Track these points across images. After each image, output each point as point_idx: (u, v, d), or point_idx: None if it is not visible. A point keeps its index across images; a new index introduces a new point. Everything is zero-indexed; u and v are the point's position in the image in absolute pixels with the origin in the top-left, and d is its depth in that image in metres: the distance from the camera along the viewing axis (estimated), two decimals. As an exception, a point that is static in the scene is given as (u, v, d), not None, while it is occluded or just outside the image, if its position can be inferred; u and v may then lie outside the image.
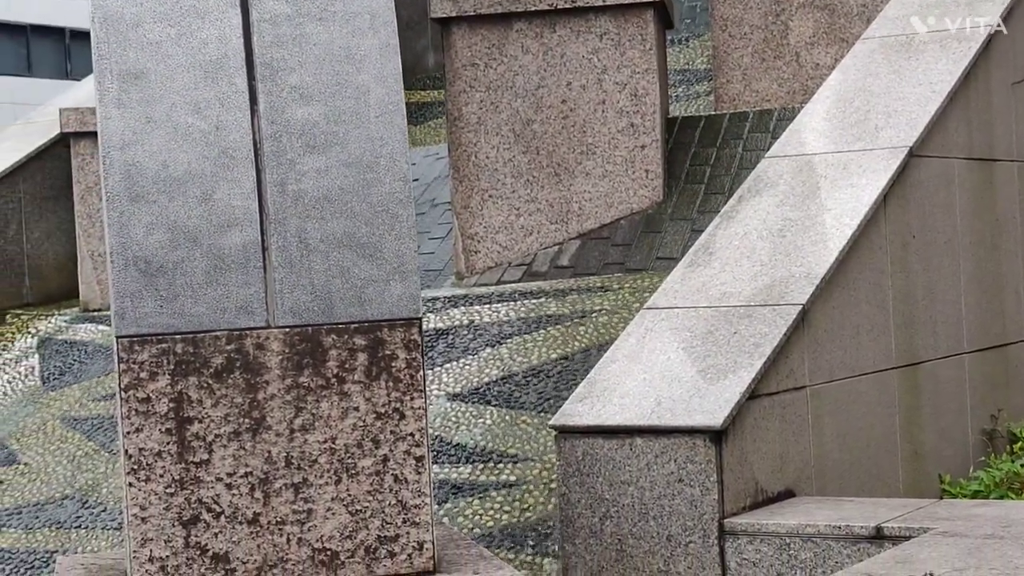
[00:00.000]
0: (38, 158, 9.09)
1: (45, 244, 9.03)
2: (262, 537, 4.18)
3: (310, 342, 4.21)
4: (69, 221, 9.05)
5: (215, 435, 4.16)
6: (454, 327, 6.80)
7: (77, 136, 8.72)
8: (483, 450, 5.98)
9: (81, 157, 8.71)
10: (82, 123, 8.67)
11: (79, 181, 8.69)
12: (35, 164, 9.07)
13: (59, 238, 9.09)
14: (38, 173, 9.09)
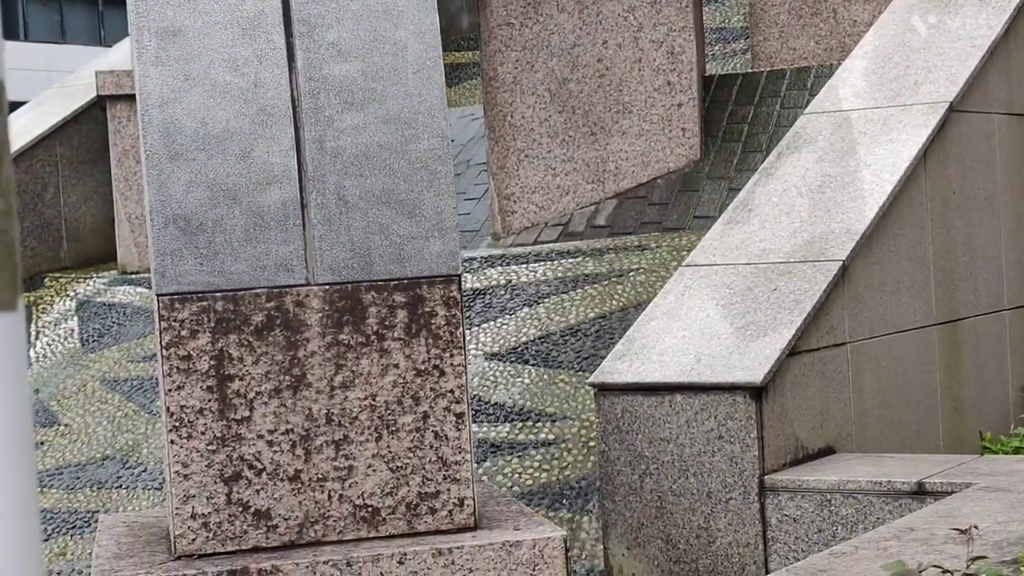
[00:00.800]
0: (75, 121, 9.11)
1: (82, 207, 9.06)
2: (303, 494, 4.19)
3: (350, 299, 4.21)
4: (106, 184, 9.08)
5: (256, 392, 4.17)
6: (491, 287, 6.80)
7: (113, 99, 8.73)
8: (521, 409, 5.98)
9: (117, 120, 8.72)
10: (118, 86, 8.68)
11: (115, 144, 8.71)
12: (72, 128, 9.09)
13: (96, 201, 9.12)
14: (75, 137, 9.11)
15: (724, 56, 9.42)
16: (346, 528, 4.21)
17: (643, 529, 4.95)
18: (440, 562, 4.10)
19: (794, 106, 7.55)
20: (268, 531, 4.17)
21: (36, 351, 7.92)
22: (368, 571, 4.06)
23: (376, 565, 4.07)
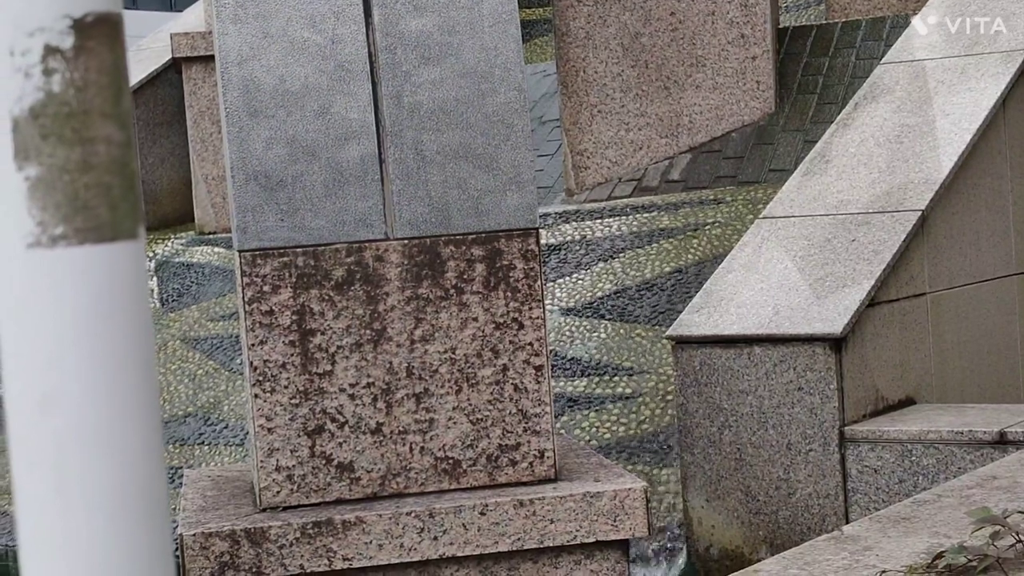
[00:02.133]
0: (150, 84, 9.19)
1: (159, 169, 9.15)
2: (385, 446, 4.23)
3: (428, 253, 4.24)
4: (182, 146, 9.16)
5: (337, 346, 4.21)
6: (566, 242, 6.80)
7: (188, 61, 8.79)
8: (598, 364, 5.99)
9: (193, 82, 8.79)
10: (193, 48, 8.75)
11: (191, 106, 8.78)
12: (148, 90, 9.17)
13: (173, 163, 9.20)
14: (151, 99, 9.19)
15: (798, 8, 9.34)
16: (428, 480, 4.25)
17: (722, 481, 4.96)
18: (521, 513, 4.13)
19: (870, 57, 7.49)
20: (351, 483, 4.22)
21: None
22: (450, 522, 4.10)
23: (458, 516, 4.11)
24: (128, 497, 0.94)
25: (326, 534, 4.05)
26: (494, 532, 4.11)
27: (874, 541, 3.33)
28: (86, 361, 0.92)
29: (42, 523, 0.94)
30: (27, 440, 0.94)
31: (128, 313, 0.93)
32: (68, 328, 0.92)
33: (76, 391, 0.92)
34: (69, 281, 0.92)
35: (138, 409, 0.93)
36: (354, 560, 4.06)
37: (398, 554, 4.08)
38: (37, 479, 0.93)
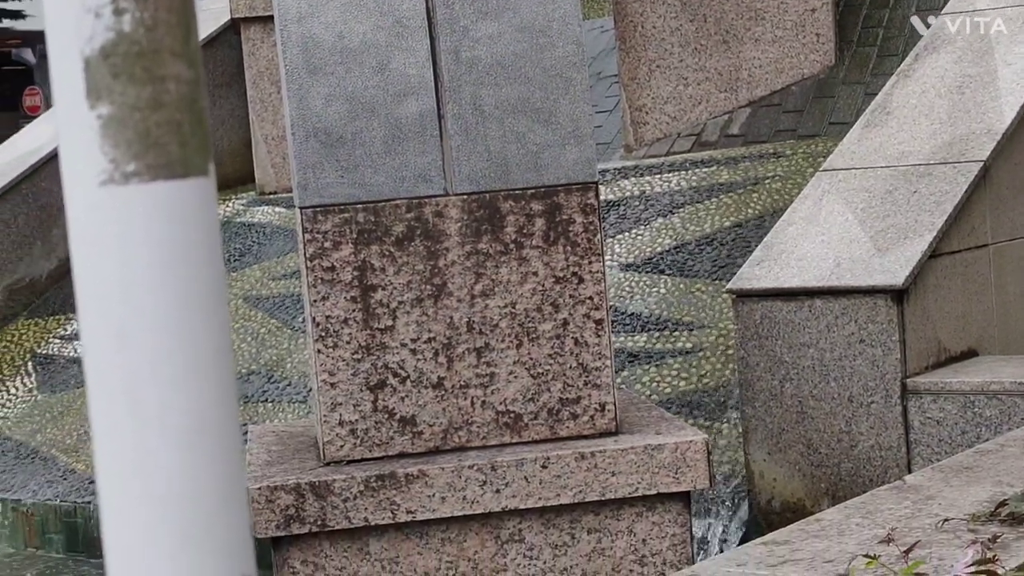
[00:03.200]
0: (209, 45, 9.23)
1: (220, 130, 9.20)
2: (447, 401, 4.26)
3: (488, 208, 4.25)
4: (242, 107, 9.20)
5: (398, 302, 4.24)
6: (625, 198, 6.80)
7: (247, 21, 8.83)
8: (658, 319, 5.99)
9: (252, 42, 8.82)
10: (251, 8, 8.78)
11: (250, 66, 8.82)
12: (207, 52, 9.21)
13: (233, 124, 9.25)
14: (210, 61, 9.24)
15: (858, -40, 9.24)
16: (489, 434, 4.28)
17: (784, 434, 4.96)
18: (583, 466, 4.15)
19: (930, 8, 7.41)
20: (413, 437, 4.25)
21: (179, 272, 8.09)
22: (512, 475, 4.13)
23: (519, 469, 4.13)
24: (202, 429, 0.96)
25: (389, 487, 4.09)
26: (556, 485, 4.14)
27: (936, 490, 3.32)
28: (159, 296, 0.94)
29: (119, 457, 0.96)
30: (104, 375, 0.96)
31: (199, 248, 0.95)
32: (141, 264, 0.94)
33: (150, 326, 0.94)
34: (142, 217, 0.94)
35: (210, 343, 0.95)
36: (417, 513, 4.10)
37: (461, 507, 4.12)
38: (114, 413, 0.96)
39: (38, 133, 9.14)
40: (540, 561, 4.18)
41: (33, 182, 8.61)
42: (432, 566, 4.15)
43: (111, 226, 0.93)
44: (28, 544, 6.35)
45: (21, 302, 8.44)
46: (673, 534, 4.22)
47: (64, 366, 7.59)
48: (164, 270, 0.93)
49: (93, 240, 0.94)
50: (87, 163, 0.93)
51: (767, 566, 3.07)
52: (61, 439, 6.84)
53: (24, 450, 6.89)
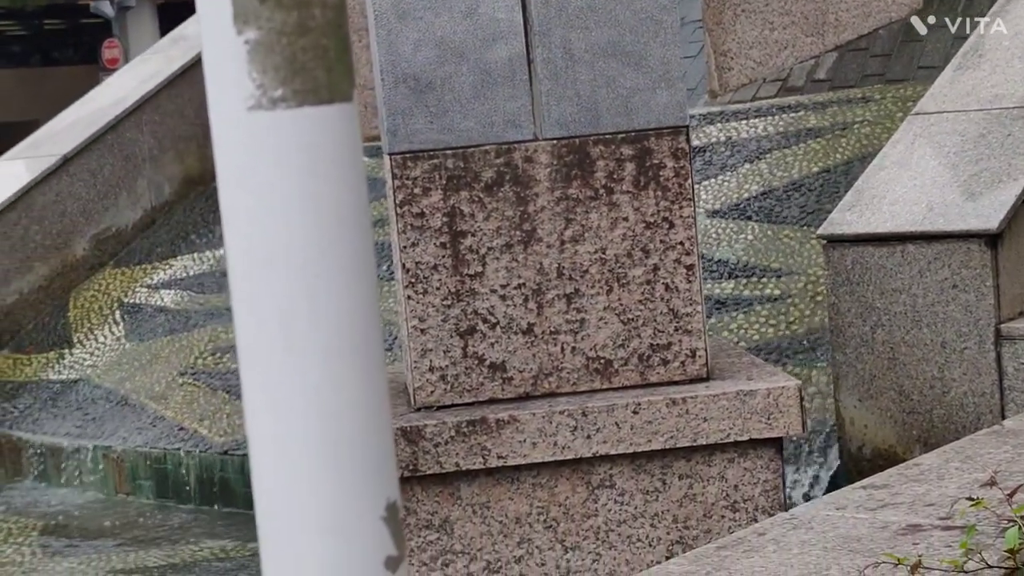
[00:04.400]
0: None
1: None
2: (537, 347, 4.25)
3: (577, 153, 4.23)
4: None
5: (488, 248, 4.23)
6: (711, 144, 6.75)
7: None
8: (745, 265, 5.95)
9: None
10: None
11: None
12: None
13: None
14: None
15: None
16: (579, 380, 4.27)
17: (875, 381, 4.91)
18: (674, 412, 4.13)
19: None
20: (503, 383, 4.25)
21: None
22: (602, 421, 4.12)
23: (610, 415, 4.13)
24: (349, 350, 0.96)
25: (480, 432, 4.10)
26: (647, 431, 4.13)
27: (1038, 435, 3.28)
28: (305, 220, 0.93)
29: (269, 378, 0.96)
30: (252, 298, 0.96)
31: (344, 172, 0.94)
32: (288, 187, 0.93)
33: (296, 249, 0.93)
34: (288, 142, 0.93)
35: (355, 265, 0.95)
36: (508, 458, 4.11)
37: (551, 452, 4.12)
38: (264, 335, 0.96)
39: (122, 84, 9.21)
40: (631, 507, 4.17)
41: (118, 132, 8.68)
42: (523, 511, 4.16)
43: (258, 151, 0.93)
44: (118, 490, 6.44)
45: (108, 252, 8.52)
46: (765, 480, 4.20)
47: (151, 315, 7.67)
48: (310, 194, 0.93)
49: (240, 165, 0.93)
50: (234, 89, 0.93)
51: (867, 509, 3.05)
52: (150, 387, 6.91)
53: (113, 398, 6.97)
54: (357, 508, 1.01)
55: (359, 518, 1.01)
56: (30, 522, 6.14)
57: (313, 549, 1.01)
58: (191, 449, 6.19)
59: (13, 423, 7.10)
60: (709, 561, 2.78)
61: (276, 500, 0.99)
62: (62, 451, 6.68)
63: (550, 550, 4.16)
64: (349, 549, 1.02)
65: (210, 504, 6.08)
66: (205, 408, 6.48)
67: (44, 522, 6.11)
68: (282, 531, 1.01)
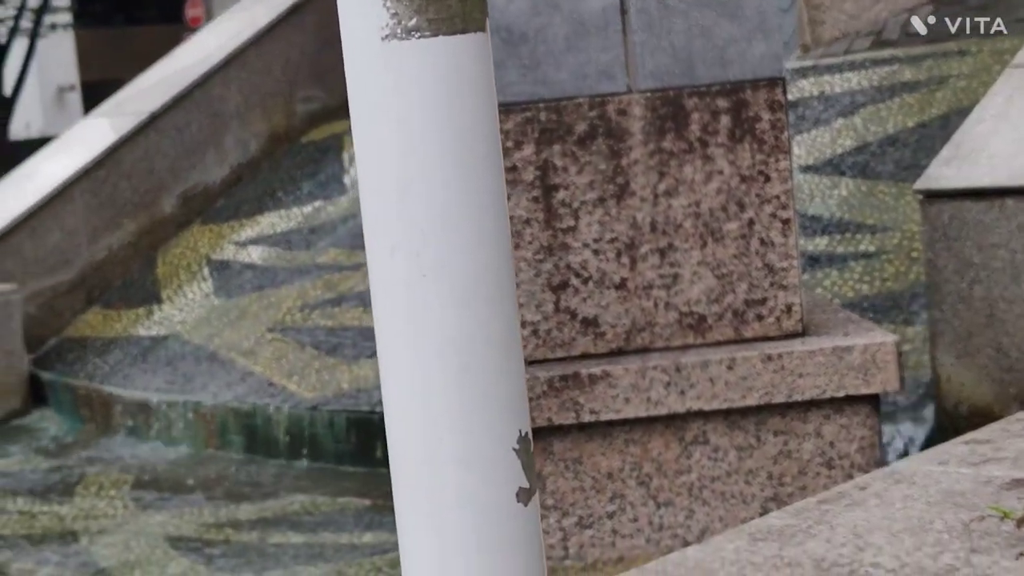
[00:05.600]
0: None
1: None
2: (629, 301, 4.22)
3: (672, 105, 4.17)
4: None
5: (580, 202, 4.19)
6: (803, 98, 6.65)
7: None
8: (839, 221, 5.87)
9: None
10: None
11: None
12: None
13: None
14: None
15: None
16: (673, 335, 4.23)
17: (972, 338, 4.83)
18: (769, 367, 4.08)
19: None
20: (596, 338, 4.22)
21: (350, 177, 8.15)
22: (696, 376, 4.08)
23: (704, 371, 4.08)
24: (480, 283, 0.94)
25: (573, 387, 4.07)
26: (742, 386, 4.08)
27: None
28: (439, 151, 0.91)
29: (402, 309, 0.94)
30: (383, 230, 0.94)
31: (478, 102, 0.92)
32: (421, 118, 0.91)
33: (429, 180, 0.91)
34: (423, 71, 0.91)
35: (487, 197, 0.92)
36: (601, 413, 4.08)
37: (645, 408, 4.09)
38: (397, 265, 0.93)
39: (207, 42, 9.24)
40: (725, 463, 4.13)
41: (205, 90, 8.72)
42: (615, 467, 4.14)
43: (392, 81, 0.90)
44: (208, 445, 6.49)
45: (195, 209, 8.57)
46: (862, 437, 4.14)
47: (239, 271, 7.71)
48: (444, 124, 0.90)
49: (373, 95, 0.91)
50: (369, 18, 0.90)
51: (969, 464, 2.99)
52: (238, 342, 6.95)
53: (202, 353, 7.02)
54: (490, 439, 0.99)
55: (492, 449, 1.00)
56: (122, 476, 6.20)
57: (446, 479, 1.00)
58: (280, 404, 6.22)
59: (104, 378, 7.17)
60: (811, 515, 2.74)
61: (410, 431, 0.98)
62: (152, 406, 6.74)
63: (643, 506, 4.13)
64: (482, 480, 1.00)
65: (299, 459, 6.11)
66: (294, 364, 6.51)
67: (135, 476, 6.17)
68: (415, 461, 1.00)
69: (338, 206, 7.88)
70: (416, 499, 1.01)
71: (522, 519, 1.02)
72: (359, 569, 4.72)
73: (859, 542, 2.58)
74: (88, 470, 6.34)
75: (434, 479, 1.01)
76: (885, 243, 5.69)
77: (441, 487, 1.01)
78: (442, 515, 1.00)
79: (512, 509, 1.01)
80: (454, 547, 0.99)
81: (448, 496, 1.01)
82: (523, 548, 1.02)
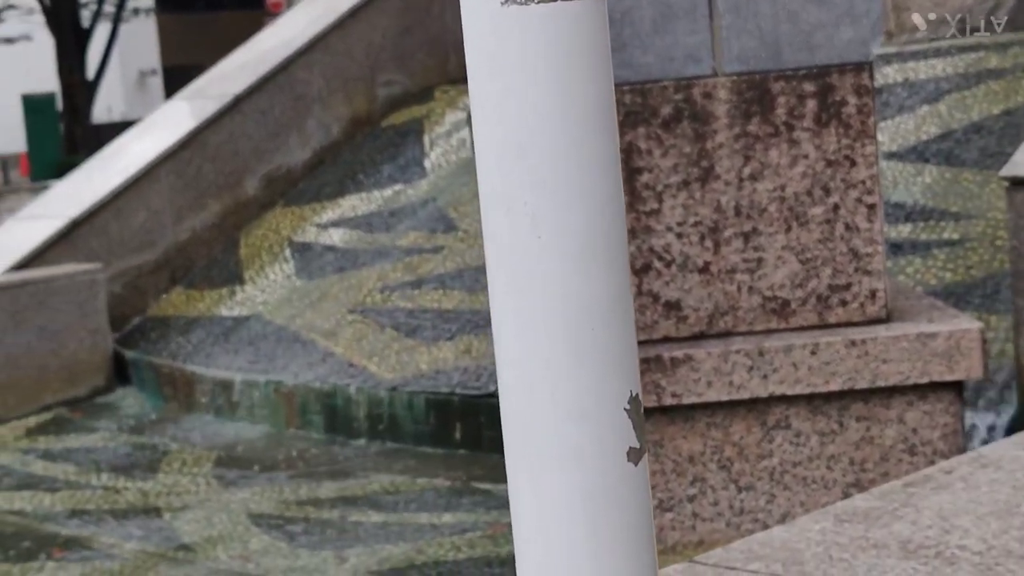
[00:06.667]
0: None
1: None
2: (712, 285, 4.22)
3: (758, 89, 4.17)
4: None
5: (664, 185, 4.20)
6: (888, 85, 6.61)
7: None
8: (923, 208, 5.83)
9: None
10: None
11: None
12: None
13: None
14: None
15: None
16: (755, 320, 4.23)
17: (1058, 327, 4.78)
18: (853, 353, 4.07)
19: None
20: (678, 321, 4.23)
21: (430, 161, 8.19)
22: (779, 360, 4.07)
23: (788, 355, 4.08)
24: (594, 245, 0.96)
25: (655, 370, 4.08)
26: (825, 371, 4.07)
27: None
28: (558, 112, 0.93)
29: (516, 268, 0.96)
30: (501, 190, 0.96)
31: (595, 70, 0.93)
32: (540, 82, 0.92)
33: (546, 143, 0.93)
34: (541, 37, 0.92)
35: (602, 160, 0.94)
36: (683, 396, 4.09)
37: (727, 391, 4.09)
38: (512, 226, 0.95)
39: (290, 26, 9.31)
40: (807, 448, 4.13)
41: (288, 73, 8.78)
42: (696, 450, 4.14)
43: (511, 45, 0.92)
44: (289, 424, 6.55)
45: (277, 190, 8.65)
46: (944, 424, 4.12)
47: (320, 253, 7.77)
48: (562, 89, 0.92)
49: (491, 59, 0.93)
50: (490, -17, 0.92)
51: (1058, 453, 2.98)
52: (319, 323, 7.01)
53: (284, 334, 7.09)
54: (601, 397, 1.01)
55: (603, 407, 1.02)
56: (204, 453, 6.27)
57: (558, 435, 1.02)
58: (361, 385, 6.27)
59: (187, 357, 7.25)
60: (896, 497, 2.74)
61: (521, 384, 0.99)
62: (234, 385, 6.81)
63: (723, 490, 4.14)
64: (593, 436, 1.02)
65: (379, 439, 6.15)
66: (374, 345, 6.56)
67: (217, 453, 6.24)
68: (527, 415, 1.01)
69: (418, 189, 7.93)
70: (527, 454, 1.03)
71: (632, 478, 1.04)
72: (438, 548, 4.75)
73: (945, 524, 2.57)
74: (171, 447, 6.43)
75: (545, 434, 1.03)
76: (969, 231, 5.64)
77: (552, 442, 1.03)
78: (552, 471, 1.02)
79: (623, 468, 1.03)
80: (563, 503, 1.01)
81: (558, 452, 1.02)
82: (633, 507, 1.04)
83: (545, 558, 1.01)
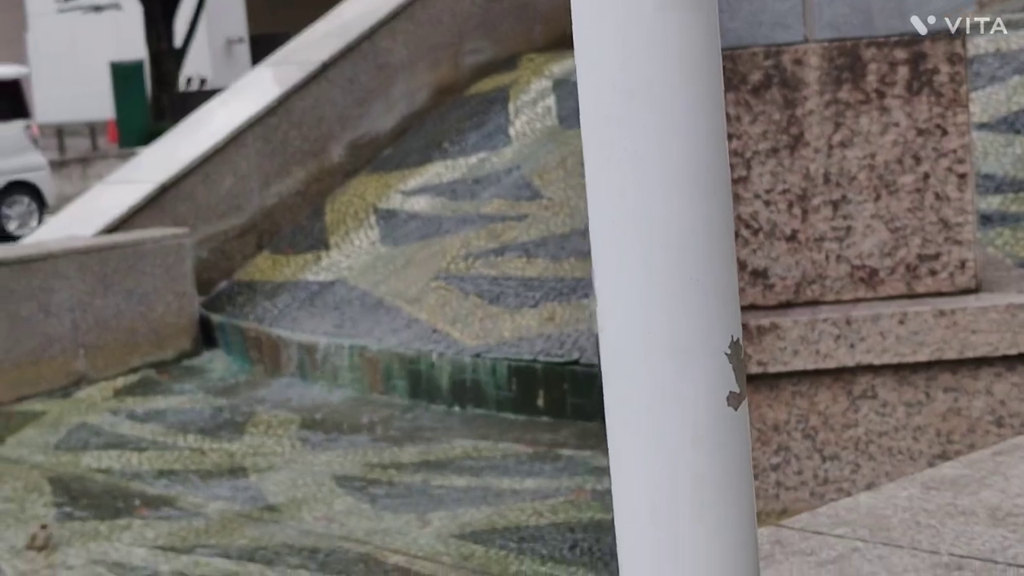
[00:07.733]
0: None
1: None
2: (800, 253, 4.19)
3: (849, 56, 4.13)
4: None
5: (753, 152, 4.18)
6: (979, 55, 6.52)
7: None
8: (1013, 180, 5.76)
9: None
10: None
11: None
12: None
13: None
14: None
15: None
16: (843, 289, 4.20)
17: None
18: (942, 323, 4.03)
19: None
20: (764, 289, 4.21)
21: (515, 129, 8.19)
22: (867, 330, 4.05)
23: (875, 324, 4.05)
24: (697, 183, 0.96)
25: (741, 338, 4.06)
26: (912, 341, 4.04)
27: None
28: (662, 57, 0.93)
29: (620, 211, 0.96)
30: (606, 135, 0.96)
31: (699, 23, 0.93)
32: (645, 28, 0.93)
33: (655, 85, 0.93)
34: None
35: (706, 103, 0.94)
36: (768, 365, 4.07)
37: (813, 360, 4.07)
38: (616, 170, 0.96)
39: (376, -6, 9.32)
40: (893, 418, 4.10)
41: (373, 41, 8.81)
42: (781, 419, 4.13)
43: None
44: (372, 389, 6.59)
45: (362, 157, 8.69)
46: (1034, 396, 4.08)
47: (405, 220, 7.80)
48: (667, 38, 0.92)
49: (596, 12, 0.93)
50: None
51: None
52: (404, 290, 7.05)
53: (369, 299, 7.13)
54: (701, 339, 1.01)
55: (703, 349, 1.02)
56: (289, 416, 6.33)
57: (656, 371, 1.02)
58: (444, 351, 6.30)
59: (273, 321, 7.32)
60: (985, 465, 2.72)
61: (621, 320, 1.00)
62: (319, 349, 6.86)
63: (808, 459, 4.12)
64: (692, 378, 1.02)
65: (461, 405, 6.18)
66: (457, 311, 6.58)
67: (302, 416, 6.30)
68: (626, 353, 1.02)
69: (502, 157, 7.93)
70: (625, 393, 1.03)
71: (731, 422, 1.04)
72: (520, 513, 4.77)
73: (1036, 493, 2.55)
74: (257, 409, 6.49)
75: (644, 372, 1.03)
76: (1062, 203, 5.57)
77: (651, 379, 1.03)
78: (651, 411, 1.02)
79: (722, 411, 1.03)
80: (662, 444, 1.01)
81: (657, 391, 1.03)
82: (733, 451, 1.04)
83: (644, 498, 1.01)
